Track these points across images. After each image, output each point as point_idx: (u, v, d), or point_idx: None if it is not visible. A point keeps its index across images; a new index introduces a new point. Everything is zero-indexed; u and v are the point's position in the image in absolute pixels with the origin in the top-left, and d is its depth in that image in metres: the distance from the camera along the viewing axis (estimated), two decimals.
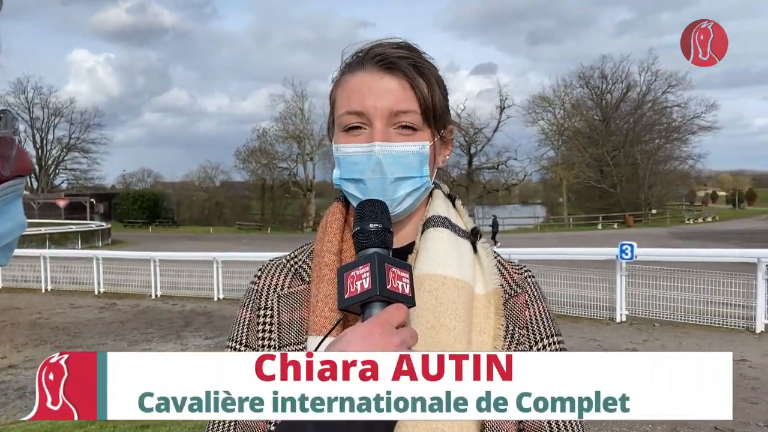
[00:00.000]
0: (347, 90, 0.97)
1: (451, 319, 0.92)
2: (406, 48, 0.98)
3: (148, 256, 15.33)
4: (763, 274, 9.24)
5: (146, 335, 10.29)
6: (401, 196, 0.96)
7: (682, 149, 55.36)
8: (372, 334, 0.74)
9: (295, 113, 59.82)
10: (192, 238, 40.71)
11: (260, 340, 1.01)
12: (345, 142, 0.97)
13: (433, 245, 0.98)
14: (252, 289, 1.08)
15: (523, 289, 1.05)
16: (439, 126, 1.00)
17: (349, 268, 0.83)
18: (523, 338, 1.01)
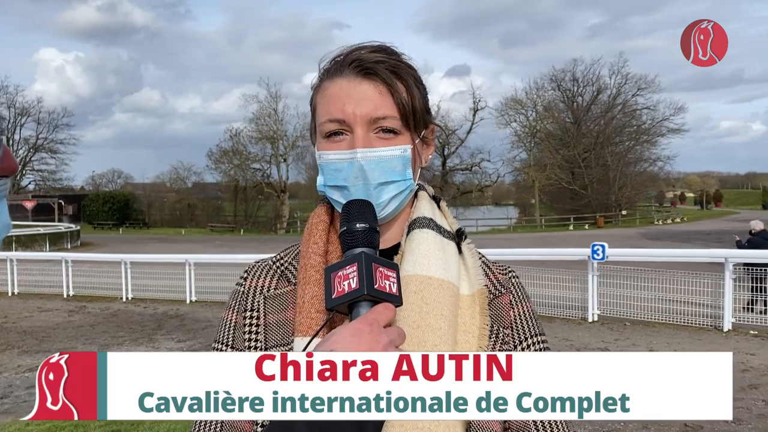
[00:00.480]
0: (326, 97, 0.97)
1: (437, 320, 0.92)
2: (384, 51, 0.98)
3: (119, 259, 15.09)
4: (731, 273, 9.45)
5: (117, 339, 10.13)
6: (385, 200, 0.96)
7: (652, 151, 56.44)
8: (361, 332, 0.74)
9: (268, 114, 59.46)
10: (163, 240, 40.18)
11: (246, 342, 1.02)
12: (327, 149, 0.97)
13: (418, 246, 0.98)
14: (238, 290, 1.08)
15: (507, 290, 1.06)
16: (420, 127, 1.00)
17: (336, 268, 0.83)
18: (508, 338, 1.02)
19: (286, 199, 61.49)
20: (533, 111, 56.39)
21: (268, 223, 59.57)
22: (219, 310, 12.64)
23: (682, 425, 5.49)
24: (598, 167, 53.50)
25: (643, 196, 60.46)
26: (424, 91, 1.02)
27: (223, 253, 19.83)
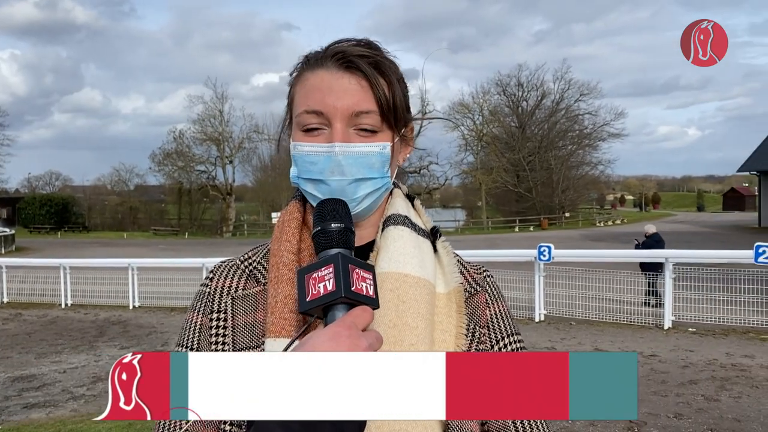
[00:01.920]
0: (306, 88, 0.94)
1: (414, 318, 0.91)
2: (368, 46, 0.96)
3: (57, 263, 14.56)
4: (670, 273, 9.78)
5: (55, 347, 9.74)
6: (361, 196, 0.94)
7: (593, 155, 57.97)
8: (339, 336, 0.72)
9: (214, 115, 58.43)
10: (104, 244, 38.99)
11: (213, 345, 0.98)
12: (303, 140, 0.94)
13: (393, 243, 0.96)
14: (203, 291, 1.03)
15: (482, 288, 1.05)
16: (399, 125, 0.98)
17: (311, 269, 0.79)
18: (485, 337, 1.01)
19: (233, 201, 60.56)
20: (480, 115, 57.25)
21: (213, 227, 58.55)
22: (164, 316, 12.34)
23: (627, 422, 5.63)
24: (542, 170, 54.68)
25: (585, 198, 62.12)
26: (406, 90, 1.00)
27: (167, 257, 19.37)
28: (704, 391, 6.48)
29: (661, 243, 11.97)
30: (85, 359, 8.85)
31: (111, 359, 8.80)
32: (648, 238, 12.18)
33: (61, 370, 8.20)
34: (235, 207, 62.04)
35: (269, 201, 57.45)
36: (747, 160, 39.01)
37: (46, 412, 6.47)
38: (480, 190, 55.86)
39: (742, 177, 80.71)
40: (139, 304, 13.62)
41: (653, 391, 6.52)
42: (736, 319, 9.53)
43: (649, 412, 5.85)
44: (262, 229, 53.19)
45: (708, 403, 6.07)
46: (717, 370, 7.24)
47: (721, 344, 8.62)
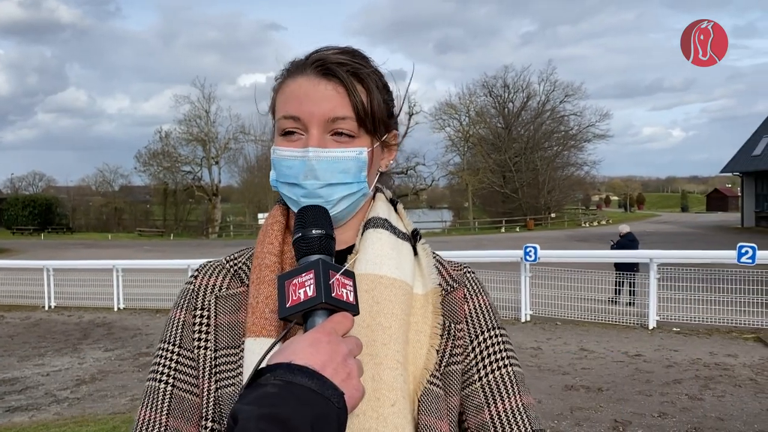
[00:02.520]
0: (285, 94, 0.97)
1: (387, 318, 0.91)
2: (350, 54, 0.98)
3: (41, 265, 14.42)
4: (655, 273, 9.86)
5: (39, 349, 9.64)
6: (335, 199, 0.95)
7: (578, 156, 58.32)
8: (319, 342, 0.72)
9: (200, 115, 58.09)
10: (89, 246, 38.63)
11: (196, 342, 0.99)
12: (282, 145, 0.96)
13: (371, 246, 0.97)
14: (187, 288, 1.04)
15: (460, 284, 1.05)
16: (379, 131, 0.99)
17: (291, 275, 0.79)
18: (462, 332, 1.01)
19: (218, 202, 60.24)
20: (466, 116, 57.43)
21: (199, 228, 58.23)
22: (149, 318, 12.26)
23: (612, 421, 5.67)
24: (528, 171, 54.94)
25: (570, 199, 62.51)
26: (388, 96, 1.01)
27: (152, 259, 19.23)
28: (688, 390, 6.53)
29: (634, 243, 12.32)
30: (68, 362, 8.77)
31: (95, 362, 8.73)
32: (622, 238, 12.51)
33: (44, 373, 8.12)
34: (221, 208, 61.72)
35: (255, 202, 57.27)
36: (730, 161, 39.48)
37: (28, 415, 6.40)
38: (466, 190, 56.03)
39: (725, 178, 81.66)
40: (123, 306, 13.52)
41: (638, 390, 6.57)
42: (719, 319, 9.63)
43: (634, 412, 5.89)
44: (249, 230, 52.98)
45: (692, 402, 6.13)
46: (701, 370, 7.31)
47: (705, 344, 8.70)
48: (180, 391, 0.96)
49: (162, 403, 0.95)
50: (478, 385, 0.98)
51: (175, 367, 0.97)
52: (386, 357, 0.89)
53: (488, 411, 0.97)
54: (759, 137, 37.21)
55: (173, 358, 0.98)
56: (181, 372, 0.97)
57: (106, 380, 7.72)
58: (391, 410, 0.87)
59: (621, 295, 10.96)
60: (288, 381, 0.67)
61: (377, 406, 0.86)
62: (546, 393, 6.52)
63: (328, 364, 0.70)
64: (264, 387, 0.67)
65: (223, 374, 0.95)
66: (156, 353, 1.01)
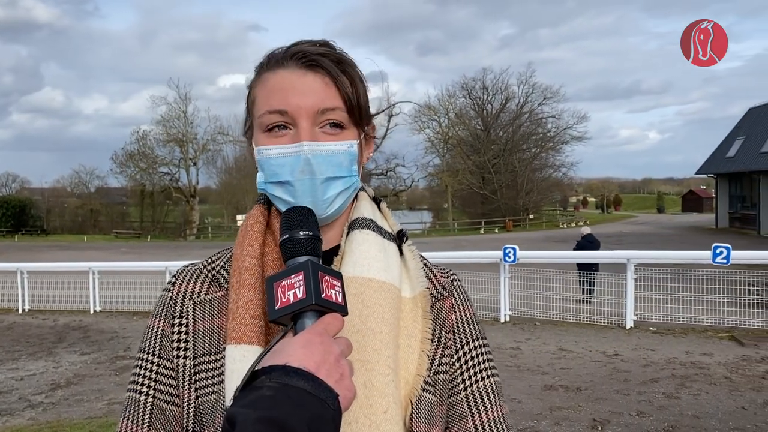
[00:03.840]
0: (268, 88, 0.92)
1: (378, 323, 0.90)
2: (327, 46, 0.96)
3: (14, 268, 14.15)
4: (632, 274, 9.97)
5: (12, 353, 9.47)
6: (332, 196, 0.92)
7: (556, 158, 58.90)
8: (312, 343, 0.72)
9: (178, 116, 57.56)
10: (64, 248, 38.05)
11: (175, 351, 0.95)
12: (268, 143, 0.92)
13: (358, 247, 0.95)
14: (165, 296, 1.00)
15: (449, 293, 1.04)
16: (363, 123, 0.97)
17: (280, 277, 0.79)
18: (450, 342, 1.00)
19: (196, 204, 59.70)
20: (446, 118, 57.63)
21: (176, 229, 57.69)
22: (126, 321, 12.11)
23: (591, 420, 5.71)
24: (507, 173, 55.28)
25: (548, 200, 63.00)
26: (366, 88, 0.99)
27: (129, 261, 19.01)
28: (665, 389, 6.61)
29: (594, 244, 12.78)
30: (43, 366, 8.62)
31: (71, 365, 8.60)
32: (582, 239, 12.96)
33: (18, 378, 7.97)
34: (199, 209, 61.17)
35: (234, 203, 56.88)
36: (704, 163, 40.11)
37: (2, 421, 6.28)
38: (446, 192, 56.23)
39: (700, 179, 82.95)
40: (100, 309, 13.34)
41: (616, 389, 6.64)
42: (695, 319, 9.77)
43: (612, 411, 5.95)
44: (227, 232, 52.60)
45: (669, 401, 6.20)
46: (677, 369, 7.40)
47: (681, 343, 8.82)
48: (161, 402, 0.94)
49: (143, 414, 0.93)
50: (462, 395, 0.98)
51: (155, 378, 0.95)
52: (378, 362, 0.88)
53: (472, 420, 0.97)
54: (733, 139, 37.85)
55: (153, 369, 0.95)
56: (161, 383, 0.95)
57: (82, 384, 7.60)
58: (384, 417, 0.86)
59: (591, 294, 11.09)
60: (284, 383, 0.67)
61: (370, 413, 0.85)
62: (525, 393, 6.56)
63: (321, 365, 0.70)
64: (260, 390, 0.66)
65: (203, 382, 0.92)
66: (135, 363, 0.98)
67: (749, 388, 6.58)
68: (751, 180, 33.21)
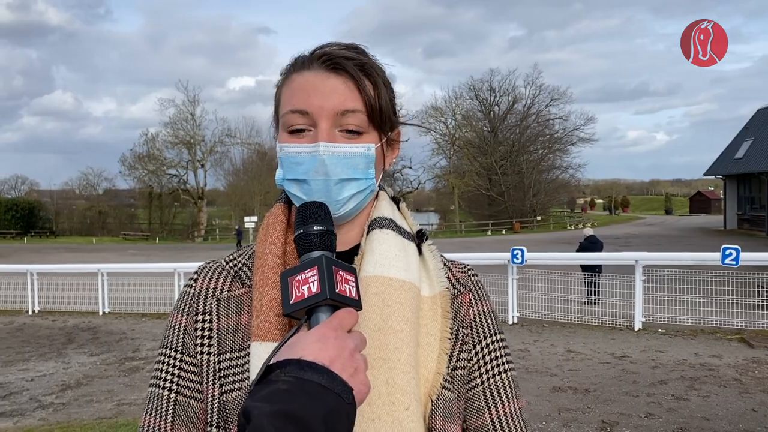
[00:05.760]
0: (292, 89, 0.95)
1: (399, 322, 0.91)
2: (354, 49, 0.97)
3: (24, 269, 14.26)
4: (641, 275, 9.93)
5: (23, 354, 9.53)
6: (345, 197, 0.94)
7: (564, 159, 58.82)
8: (327, 338, 0.72)
9: (186, 118, 57.83)
10: (72, 250, 38.26)
11: (199, 347, 0.96)
12: (288, 141, 0.94)
13: (378, 247, 0.96)
14: (188, 292, 1.01)
15: (467, 288, 1.05)
16: (386, 128, 0.98)
17: (294, 272, 0.79)
18: (467, 338, 1.01)
19: (204, 206, 59.95)
20: (452, 119, 57.67)
21: (184, 231, 57.92)
22: (135, 322, 12.16)
23: (600, 422, 5.70)
24: (514, 174, 55.22)
25: (556, 202, 62.91)
26: (392, 93, 1.00)
27: (137, 263, 19.09)
28: (674, 390, 6.59)
29: (597, 245, 12.77)
30: (53, 367, 8.67)
31: (80, 366, 8.65)
32: (585, 240, 12.97)
33: (28, 378, 8.02)
34: (207, 211, 61.42)
35: (241, 205, 57.01)
36: (712, 165, 39.90)
37: (13, 421, 6.33)
38: (453, 193, 56.20)
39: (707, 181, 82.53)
40: (109, 310, 13.40)
41: (625, 391, 6.62)
42: (704, 320, 9.72)
43: (621, 412, 5.93)
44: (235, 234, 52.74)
45: (678, 403, 6.18)
46: (686, 370, 7.37)
47: (690, 345, 8.78)
48: (184, 397, 0.95)
49: (166, 409, 0.94)
50: (479, 389, 1.00)
51: (178, 373, 0.96)
52: (399, 361, 0.88)
53: (488, 414, 0.99)
54: (741, 140, 37.65)
55: (176, 364, 0.96)
56: (185, 378, 0.96)
57: (92, 385, 7.64)
58: (406, 414, 0.87)
59: (596, 295, 11.05)
60: (298, 377, 0.67)
61: (392, 410, 0.86)
62: (534, 394, 6.55)
63: (336, 359, 0.70)
64: (275, 384, 0.67)
65: (228, 378, 0.93)
66: (157, 359, 0.99)
67: (759, 390, 6.54)
68: (760, 181, 33.02)
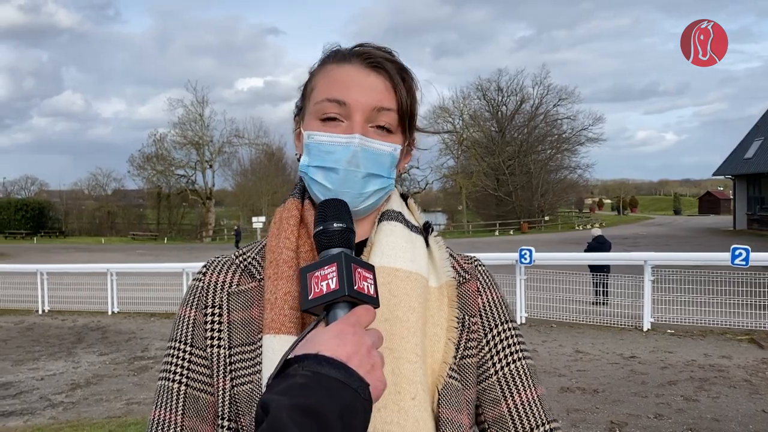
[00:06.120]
0: (330, 79, 0.97)
1: (405, 312, 0.92)
2: (391, 53, 1.01)
3: (34, 269, 14.35)
4: (649, 275, 9.89)
5: (33, 354, 9.60)
6: (369, 192, 0.96)
7: (572, 159, 58.55)
8: (345, 334, 0.73)
9: (194, 119, 58.06)
10: (82, 250, 38.48)
11: (209, 340, 0.97)
12: (319, 129, 0.96)
13: (386, 238, 0.98)
14: (196, 286, 1.02)
15: (473, 276, 1.06)
16: (410, 131, 1.01)
17: (313, 268, 0.80)
18: (476, 326, 1.02)
19: (212, 206, 60.16)
20: (460, 119, 57.55)
21: (193, 231, 58.12)
22: (144, 322, 12.22)
23: (608, 422, 5.68)
24: (522, 174, 55.08)
25: (564, 202, 62.69)
26: (418, 101, 1.03)
27: (146, 262, 19.18)
28: (683, 391, 6.56)
29: (605, 245, 12.83)
30: (63, 366, 8.73)
31: (90, 366, 8.69)
32: (593, 241, 13.04)
33: (38, 377, 8.08)
34: (215, 211, 61.63)
35: (249, 205, 57.18)
36: (722, 165, 39.69)
37: (23, 419, 6.37)
38: (460, 194, 56.12)
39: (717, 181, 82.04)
40: (118, 310, 13.47)
41: (633, 392, 6.59)
42: (713, 321, 9.67)
43: (629, 413, 5.91)
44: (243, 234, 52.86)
45: (687, 404, 6.15)
46: (695, 371, 7.34)
47: (699, 345, 8.74)
48: (194, 390, 0.95)
49: (176, 402, 0.94)
50: (494, 378, 1.00)
51: (188, 366, 0.96)
52: (405, 351, 0.89)
53: (505, 404, 0.99)
54: (751, 140, 37.43)
55: (185, 357, 0.97)
56: (194, 371, 0.96)
57: (101, 384, 7.69)
58: (412, 403, 0.87)
59: (605, 296, 11.03)
60: (316, 372, 0.67)
61: (398, 399, 0.87)
62: None
63: (353, 355, 0.71)
64: (293, 378, 0.67)
65: (238, 372, 0.93)
66: (166, 352, 0.99)
67: None
68: None
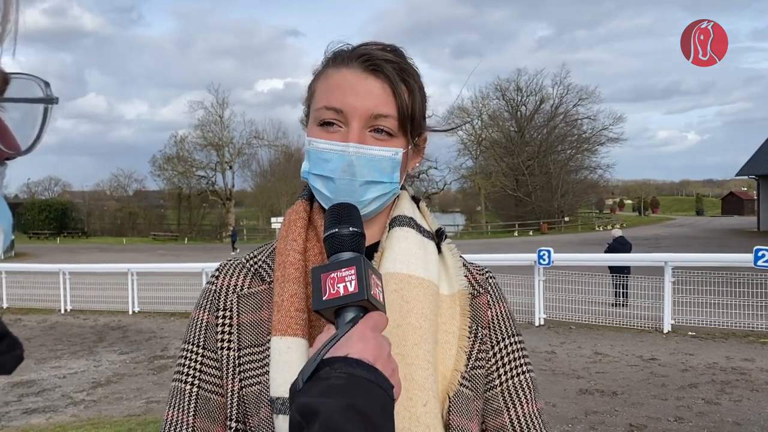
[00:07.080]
0: (328, 84, 0.96)
1: (417, 318, 0.92)
2: (393, 52, 0.98)
3: (57, 269, 14.57)
4: (670, 277, 9.78)
5: (55, 352, 9.74)
6: (369, 199, 0.95)
7: (592, 159, 58.11)
8: (367, 338, 0.73)
9: (215, 120, 58.54)
10: (104, 250, 38.98)
11: (219, 342, 0.98)
12: (319, 136, 0.95)
13: (398, 244, 0.97)
14: (209, 289, 1.03)
15: (485, 290, 1.06)
16: (414, 133, 0.99)
17: (329, 269, 0.79)
18: (486, 338, 1.02)
19: (232, 207, 60.58)
20: (479, 119, 57.32)
21: (213, 232, 58.53)
22: (163, 321, 12.34)
23: (627, 425, 5.63)
24: (541, 175, 54.74)
25: (584, 202, 62.17)
26: (425, 99, 1.01)
27: (166, 263, 19.37)
28: (704, 394, 6.47)
29: (626, 246, 12.71)
30: (84, 364, 8.85)
31: (110, 365, 8.80)
32: (614, 242, 12.91)
33: (60, 376, 8.20)
34: (235, 212, 62.05)
35: (269, 206, 57.53)
36: (746, 164, 39.08)
37: (45, 417, 6.47)
38: (479, 194, 55.93)
39: (740, 181, 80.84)
40: (138, 310, 13.62)
41: (653, 394, 6.52)
42: (735, 323, 9.52)
43: (649, 416, 5.85)
44: (262, 234, 53.19)
45: (708, 407, 6.07)
46: (717, 374, 7.24)
47: (721, 348, 8.61)
48: (205, 392, 0.97)
49: (188, 403, 0.96)
50: (498, 390, 1.00)
51: (200, 368, 0.98)
52: (417, 357, 0.89)
53: (507, 415, 1.00)
54: None
55: (198, 359, 0.98)
56: (206, 373, 0.98)
57: (122, 383, 7.78)
58: (423, 410, 0.87)
59: (625, 297, 10.93)
60: (350, 373, 0.67)
61: (410, 405, 0.87)
62: (560, 397, 6.49)
63: (378, 358, 0.71)
64: (327, 380, 0.67)
65: (247, 373, 0.94)
66: (180, 354, 1.01)
67: None
68: None
